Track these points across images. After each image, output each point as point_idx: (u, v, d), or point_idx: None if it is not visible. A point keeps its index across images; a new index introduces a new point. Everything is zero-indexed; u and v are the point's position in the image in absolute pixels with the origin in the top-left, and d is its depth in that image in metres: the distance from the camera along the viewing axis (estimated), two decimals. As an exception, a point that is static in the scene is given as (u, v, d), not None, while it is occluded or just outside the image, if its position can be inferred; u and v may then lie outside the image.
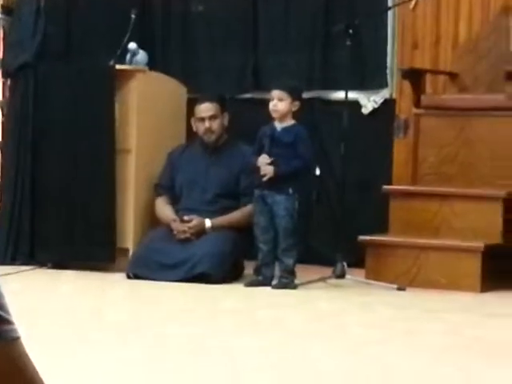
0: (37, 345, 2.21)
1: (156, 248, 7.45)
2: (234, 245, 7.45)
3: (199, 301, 6.72)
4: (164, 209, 7.65)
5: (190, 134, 8.00)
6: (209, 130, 7.61)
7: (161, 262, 7.36)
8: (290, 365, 4.95)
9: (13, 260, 7.80)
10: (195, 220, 7.44)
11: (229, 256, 7.41)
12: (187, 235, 7.39)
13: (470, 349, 5.26)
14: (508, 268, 7.06)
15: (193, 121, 7.75)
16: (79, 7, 8.36)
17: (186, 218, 7.46)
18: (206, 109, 7.64)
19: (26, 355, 2.17)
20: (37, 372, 2.19)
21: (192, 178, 7.70)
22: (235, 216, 7.50)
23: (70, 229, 7.82)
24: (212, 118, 7.62)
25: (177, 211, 7.60)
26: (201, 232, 7.43)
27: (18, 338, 2.14)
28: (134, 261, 7.47)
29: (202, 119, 7.62)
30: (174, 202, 7.68)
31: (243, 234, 7.43)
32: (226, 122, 7.69)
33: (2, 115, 8.20)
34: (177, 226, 7.45)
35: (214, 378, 4.65)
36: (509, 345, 5.48)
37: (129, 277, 7.35)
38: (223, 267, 7.31)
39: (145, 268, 7.33)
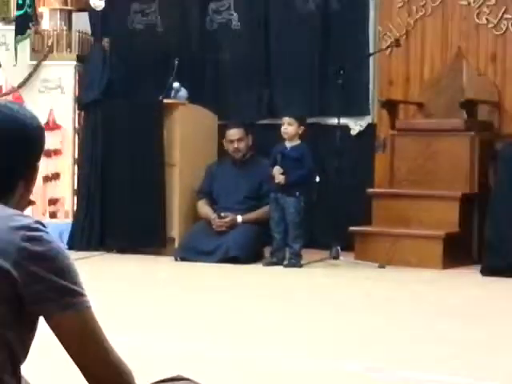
0: (102, 315, 2.33)
1: (198, 238, 7.51)
2: (256, 236, 7.47)
3: (230, 277, 6.78)
4: (205, 208, 7.69)
5: (220, 151, 8.04)
6: (237, 150, 7.70)
7: (202, 248, 7.40)
8: (293, 322, 5.06)
9: (87, 247, 7.86)
10: (230, 216, 7.49)
11: (252, 244, 7.45)
12: (223, 228, 7.46)
13: (432, 310, 5.41)
14: (463, 250, 7.15)
15: (224, 141, 7.81)
16: (136, 55, 8.53)
17: (222, 214, 7.52)
18: (234, 133, 7.72)
19: (97, 321, 2.15)
20: (105, 335, 2.17)
21: (226, 186, 7.72)
22: (259, 213, 7.53)
23: (130, 224, 7.85)
24: (239, 140, 7.68)
25: (215, 210, 7.61)
26: (233, 225, 7.48)
27: (90, 307, 2.13)
28: (181, 248, 7.58)
29: (232, 141, 7.70)
30: (212, 203, 7.72)
31: (263, 227, 7.42)
32: (249, 142, 7.74)
33: (79, 138, 8.27)
34: (216, 221, 7.50)
35: (238, 332, 4.80)
36: (463, 306, 5.60)
37: (176, 259, 7.43)
38: (248, 252, 7.36)
39: (190, 253, 7.43)
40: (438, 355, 4.18)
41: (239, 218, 7.55)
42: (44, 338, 2.23)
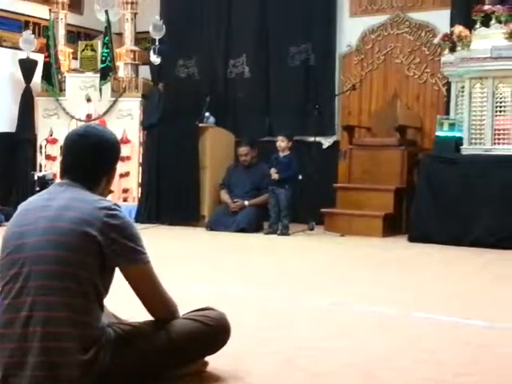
0: (158, 265, 2.28)
1: (220, 215, 7.50)
2: (257, 214, 7.40)
3: (242, 241, 6.71)
4: (225, 196, 7.66)
5: (236, 158, 7.96)
6: (245, 160, 7.71)
7: (222, 222, 7.39)
8: (284, 267, 5.12)
9: (147, 221, 7.74)
10: (240, 202, 7.47)
11: (255, 220, 7.38)
12: (236, 209, 7.45)
13: (376, 263, 5.39)
14: (396, 225, 7.10)
15: (238, 154, 7.85)
16: (180, 94, 8.41)
17: (235, 200, 7.52)
18: (242, 150, 7.73)
19: (154, 270, 2.21)
20: (159, 279, 2.23)
21: (238, 181, 7.67)
22: (259, 199, 7.47)
23: (176, 206, 7.78)
24: (246, 154, 7.69)
25: (231, 197, 7.58)
26: (242, 207, 7.45)
27: (149, 262, 2.19)
28: (210, 221, 7.55)
29: (241, 155, 7.72)
30: (229, 192, 7.66)
31: (262, 209, 7.36)
32: (254, 153, 7.72)
33: (142, 149, 8.19)
34: (231, 204, 7.50)
35: (247, 272, 4.87)
36: (396, 260, 5.59)
37: (206, 229, 7.43)
38: (253, 225, 7.32)
39: (215, 225, 7.43)
40: (380, 293, 4.17)
41: (246, 203, 7.51)
42: (118, 282, 2.22)
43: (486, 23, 6.68)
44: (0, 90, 8.47)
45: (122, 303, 2.64)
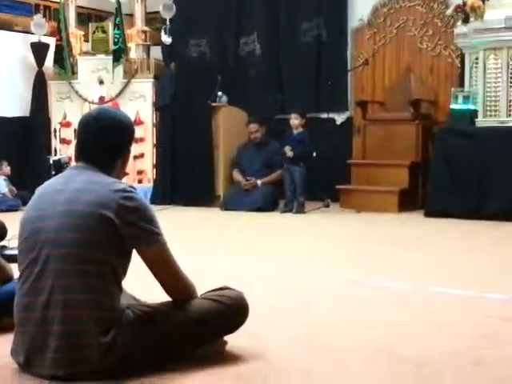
0: (174, 244, 2.32)
1: (234, 195, 7.48)
2: (271, 192, 7.40)
3: (257, 220, 6.70)
4: (237, 175, 7.65)
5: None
6: (255, 138, 7.67)
7: (238, 201, 7.36)
8: (301, 245, 5.08)
9: (163, 202, 7.70)
10: (252, 180, 7.48)
11: (269, 198, 7.36)
12: (248, 187, 7.44)
13: (393, 239, 5.37)
14: (412, 200, 7.04)
15: (247, 132, 7.80)
16: (192, 74, 8.32)
17: (248, 178, 7.52)
18: (252, 127, 7.70)
19: (170, 251, 2.21)
20: (175, 260, 2.24)
21: (249, 159, 7.63)
22: (272, 177, 7.49)
23: (191, 186, 7.80)
24: (256, 131, 7.65)
25: (243, 176, 7.56)
26: (255, 186, 7.45)
27: (166, 243, 2.20)
28: (225, 201, 7.56)
29: (251, 132, 7.69)
30: (241, 171, 7.64)
31: (276, 187, 7.40)
32: (263, 131, 7.67)
33: (156, 130, 8.24)
34: (244, 183, 7.50)
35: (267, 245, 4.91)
36: (412, 236, 5.55)
37: (221, 209, 7.44)
38: (268, 204, 7.32)
39: (230, 204, 7.40)
40: (398, 269, 4.15)
41: (259, 182, 7.50)
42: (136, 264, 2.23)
43: (499, -8, 6.61)
44: (13, 74, 8.52)
45: (140, 285, 2.65)
